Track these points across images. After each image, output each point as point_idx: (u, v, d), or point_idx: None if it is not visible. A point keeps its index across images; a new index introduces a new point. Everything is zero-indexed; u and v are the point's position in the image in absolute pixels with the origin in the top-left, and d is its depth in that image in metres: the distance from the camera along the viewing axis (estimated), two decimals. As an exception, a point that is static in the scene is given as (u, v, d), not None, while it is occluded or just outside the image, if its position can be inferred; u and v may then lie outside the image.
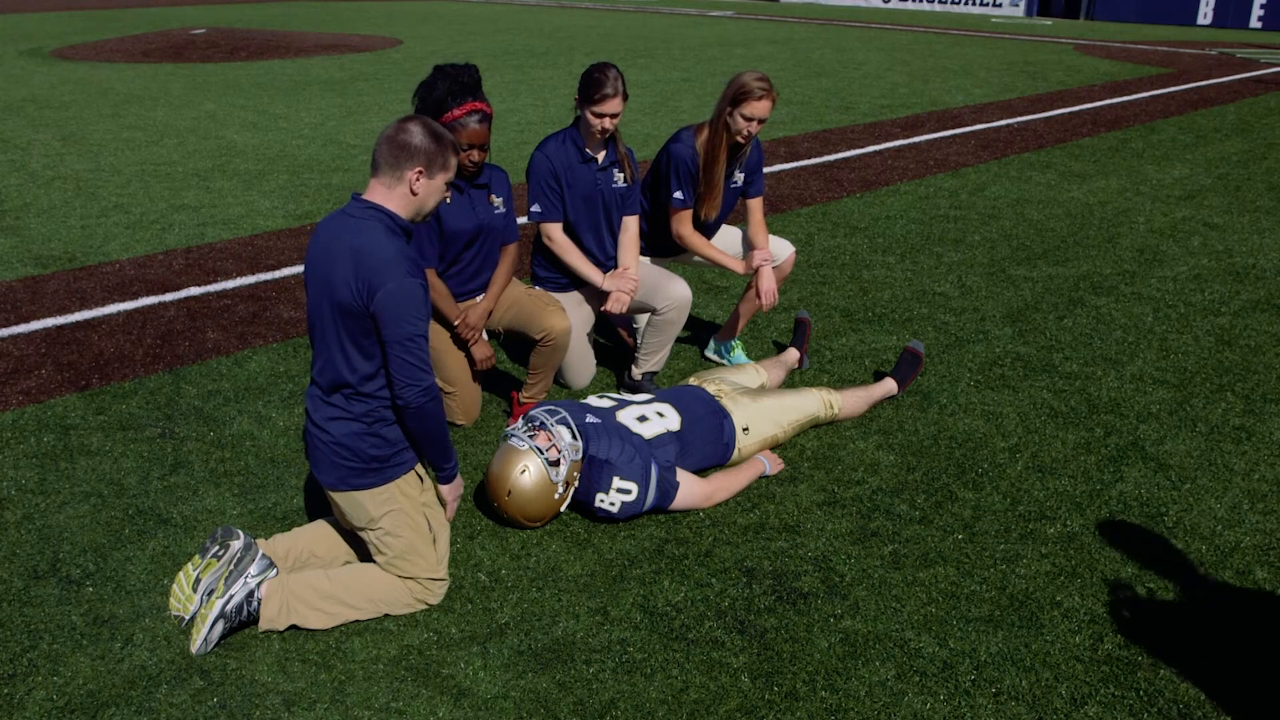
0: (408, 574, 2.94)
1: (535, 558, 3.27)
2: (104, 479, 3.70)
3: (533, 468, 3.26)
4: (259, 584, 2.83)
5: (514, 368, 4.72)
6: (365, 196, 2.81)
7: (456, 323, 3.90)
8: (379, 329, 2.72)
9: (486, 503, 3.48)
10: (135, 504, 3.54)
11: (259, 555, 2.87)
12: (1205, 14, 24.96)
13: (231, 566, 2.83)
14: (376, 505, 2.89)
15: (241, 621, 2.82)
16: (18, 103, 11.60)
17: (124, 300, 5.46)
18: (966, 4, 29.17)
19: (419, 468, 3.01)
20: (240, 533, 2.89)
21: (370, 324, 2.72)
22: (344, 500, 2.91)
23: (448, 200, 2.94)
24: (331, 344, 2.79)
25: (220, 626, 2.78)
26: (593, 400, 3.70)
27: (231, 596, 2.79)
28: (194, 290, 5.62)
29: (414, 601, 2.97)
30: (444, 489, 3.04)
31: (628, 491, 3.35)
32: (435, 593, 3.00)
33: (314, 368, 2.89)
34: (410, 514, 2.93)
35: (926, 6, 29.50)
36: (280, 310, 5.35)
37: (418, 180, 2.78)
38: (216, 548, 2.87)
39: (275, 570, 2.89)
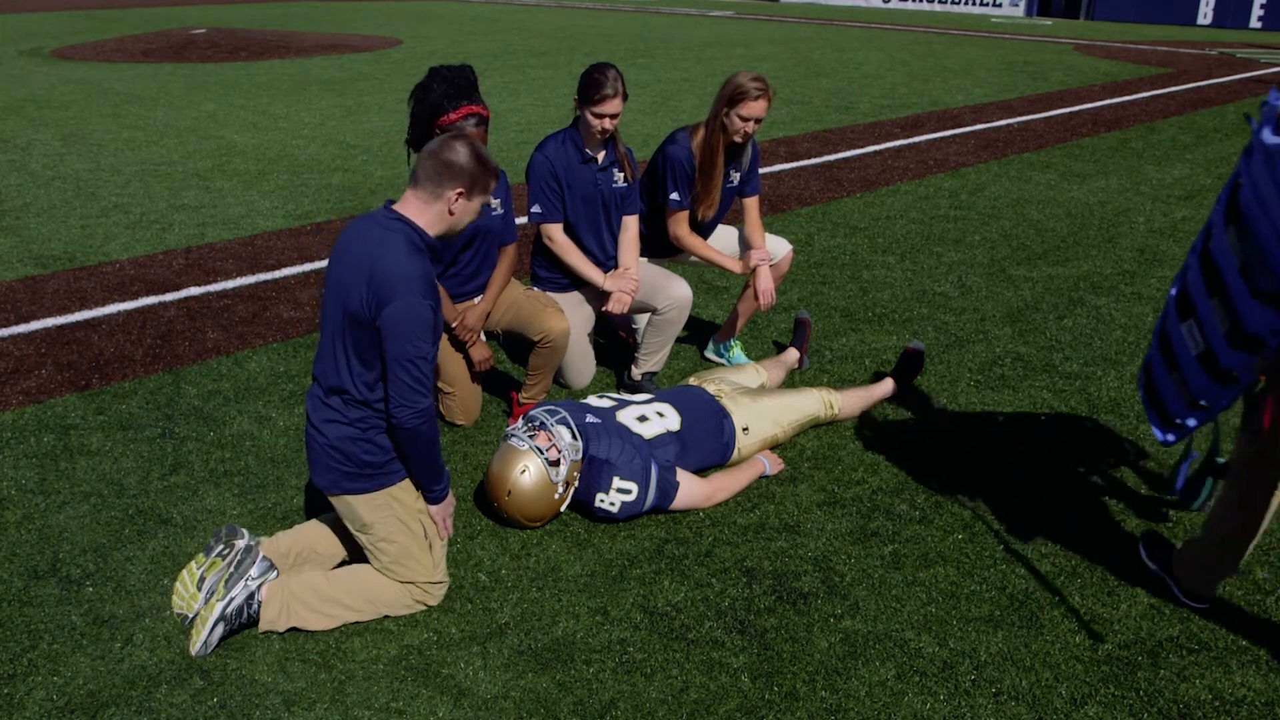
0: (406, 578, 2.94)
1: (535, 558, 3.27)
2: (104, 479, 3.70)
3: (533, 468, 3.26)
4: (259, 586, 2.84)
5: (514, 368, 4.72)
6: (398, 207, 2.79)
7: (454, 324, 3.90)
8: (382, 344, 2.70)
9: (486, 503, 3.48)
10: (135, 504, 3.54)
11: (259, 557, 2.87)
12: (1205, 14, 24.95)
13: (232, 569, 2.83)
14: (369, 510, 2.88)
15: (241, 623, 2.83)
16: (18, 103, 11.60)
17: (124, 300, 5.47)
18: (966, 4, 29.17)
19: None
20: (244, 531, 2.90)
21: (375, 337, 2.70)
22: (338, 503, 2.92)
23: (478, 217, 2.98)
24: (336, 347, 2.79)
25: (220, 629, 2.79)
26: (593, 400, 3.71)
27: (232, 599, 2.79)
28: (194, 290, 5.63)
29: (413, 603, 2.97)
30: (432, 509, 2.98)
31: (628, 491, 3.35)
32: (434, 595, 3.00)
33: (316, 366, 2.90)
34: (404, 520, 2.92)
35: (926, 6, 29.50)
36: (280, 310, 5.35)
37: (457, 200, 2.76)
38: (221, 546, 2.88)
39: (276, 572, 2.90)
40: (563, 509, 3.40)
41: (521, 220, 6.38)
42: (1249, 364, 2.77)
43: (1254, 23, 24.40)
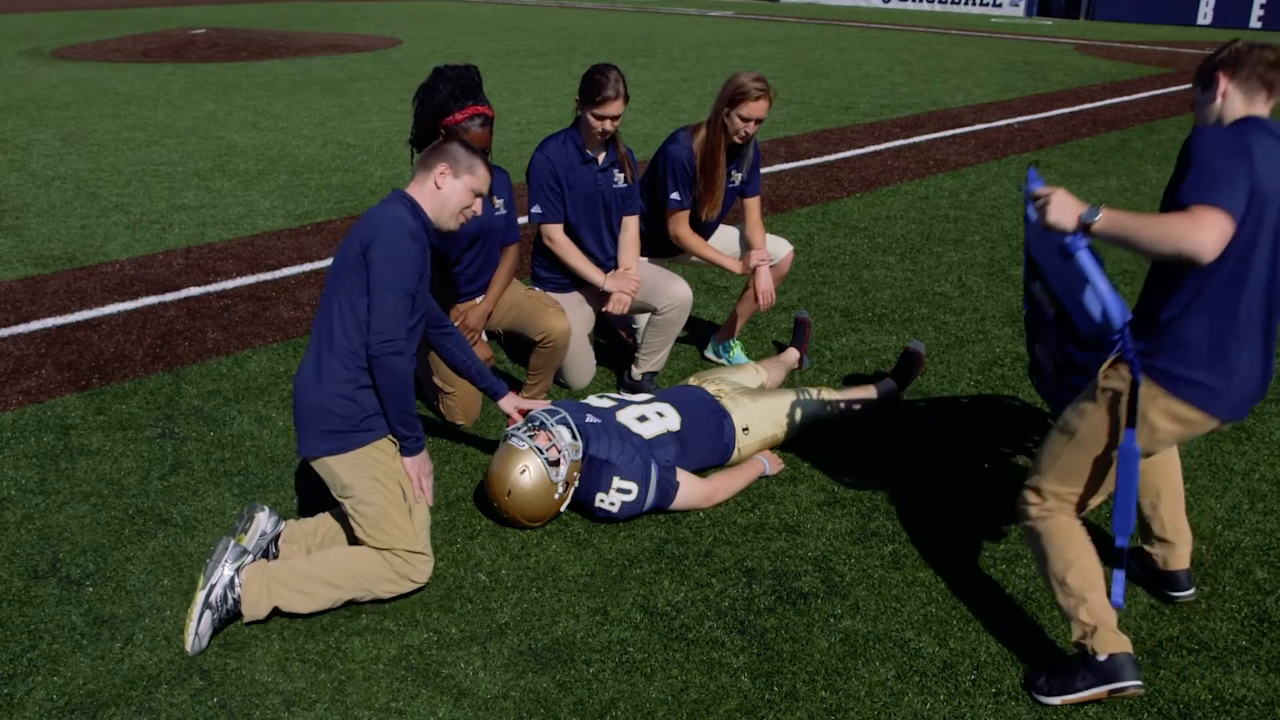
0: (384, 544, 2.94)
1: (535, 558, 3.27)
2: (104, 479, 3.70)
3: (533, 468, 3.26)
4: (236, 570, 2.86)
5: (514, 368, 4.72)
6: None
7: (456, 324, 3.90)
8: (369, 278, 2.85)
9: (486, 503, 3.48)
10: (135, 504, 3.54)
11: (231, 545, 2.91)
12: (1205, 14, 24.94)
13: (209, 559, 2.87)
14: (347, 471, 2.92)
15: (229, 610, 2.84)
16: (18, 103, 11.60)
17: (124, 300, 5.47)
18: (966, 4, 29.16)
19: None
20: (265, 507, 3.00)
21: (363, 277, 2.87)
22: (320, 469, 2.97)
23: (478, 213, 3.11)
24: (331, 305, 2.92)
25: (208, 618, 2.80)
26: (593, 400, 3.71)
27: (212, 586, 2.82)
28: (194, 290, 5.63)
29: (396, 576, 2.94)
30: (406, 461, 3.03)
31: (628, 491, 3.35)
32: (417, 568, 2.97)
33: (312, 339, 2.99)
34: (382, 481, 2.95)
35: (926, 6, 29.50)
36: (280, 310, 5.35)
37: (442, 175, 3.01)
38: (243, 523, 2.98)
39: (251, 557, 2.93)
40: (563, 509, 3.40)
41: (521, 220, 6.38)
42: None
43: (1254, 23, 24.39)
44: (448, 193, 3.02)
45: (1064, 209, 2.51)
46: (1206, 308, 2.47)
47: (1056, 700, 2.62)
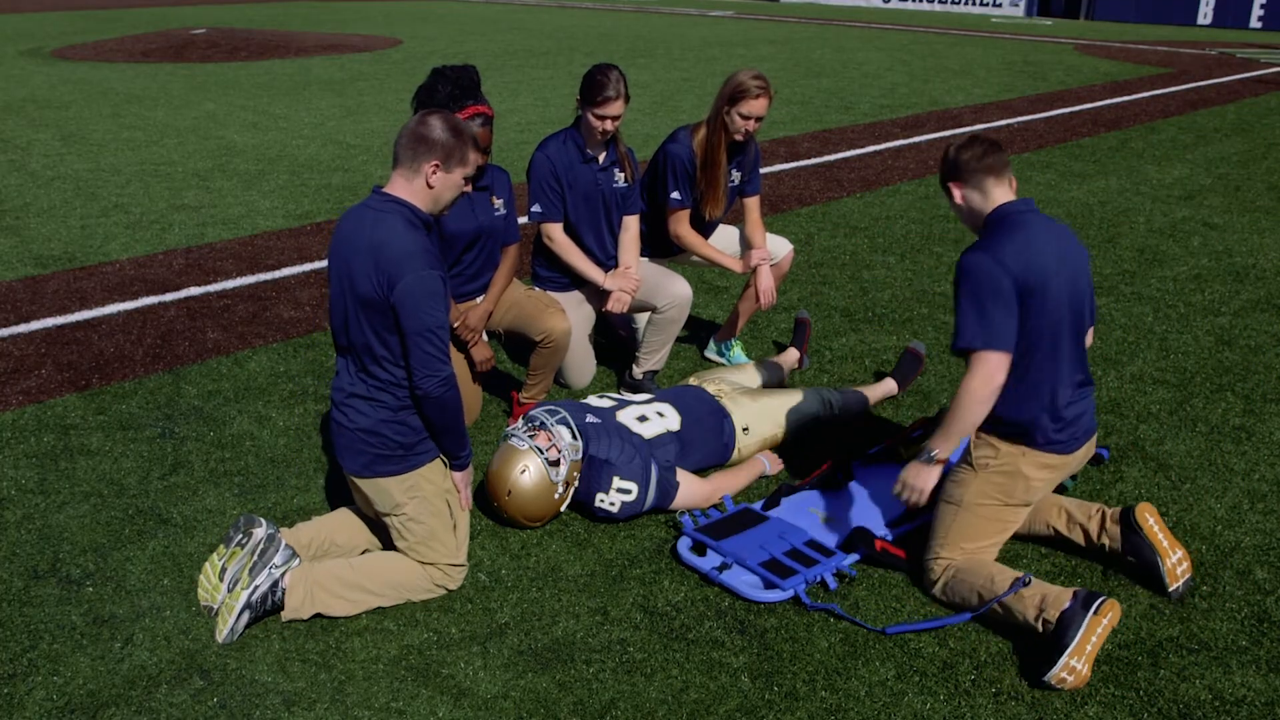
0: (429, 560, 2.97)
1: (535, 558, 3.27)
2: (104, 479, 3.70)
3: (533, 468, 3.26)
4: (283, 574, 2.87)
5: (514, 368, 4.72)
6: (386, 189, 2.85)
7: (456, 324, 3.90)
8: (398, 320, 2.75)
9: (486, 503, 3.48)
10: (135, 504, 3.54)
11: (282, 545, 2.89)
12: (1205, 14, 24.94)
13: (255, 558, 2.85)
14: (401, 492, 2.92)
15: (266, 611, 2.85)
16: (18, 103, 11.60)
17: (124, 300, 5.47)
18: (966, 4, 29.16)
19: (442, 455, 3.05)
20: (263, 521, 2.93)
21: (391, 316, 2.75)
22: (369, 487, 2.94)
23: (469, 191, 3.00)
24: (354, 333, 2.83)
25: (247, 616, 2.82)
26: (593, 400, 3.71)
27: (257, 588, 2.82)
28: (194, 290, 5.63)
29: (434, 587, 3.01)
30: (456, 476, 3.06)
31: (628, 491, 3.35)
32: (455, 578, 3.03)
33: (342, 357, 2.93)
34: (433, 501, 2.96)
35: (926, 6, 29.49)
36: (280, 310, 5.35)
37: (434, 173, 2.82)
38: (240, 536, 2.91)
39: (299, 560, 2.92)
40: (563, 509, 3.40)
41: (522, 220, 6.38)
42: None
43: (1254, 23, 24.38)
44: (440, 189, 2.83)
45: (921, 476, 2.89)
46: (1036, 381, 2.86)
47: (1066, 672, 2.61)
